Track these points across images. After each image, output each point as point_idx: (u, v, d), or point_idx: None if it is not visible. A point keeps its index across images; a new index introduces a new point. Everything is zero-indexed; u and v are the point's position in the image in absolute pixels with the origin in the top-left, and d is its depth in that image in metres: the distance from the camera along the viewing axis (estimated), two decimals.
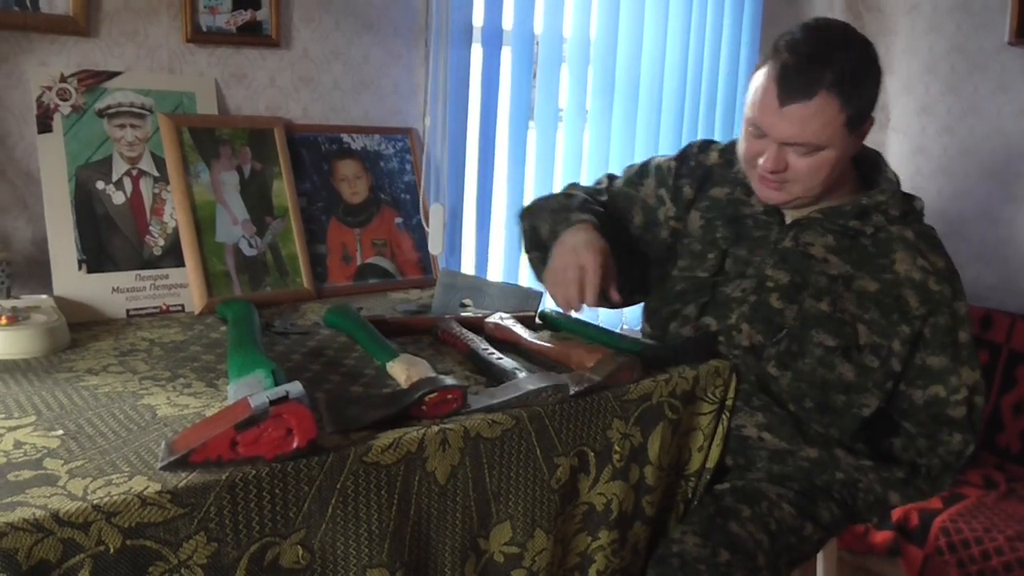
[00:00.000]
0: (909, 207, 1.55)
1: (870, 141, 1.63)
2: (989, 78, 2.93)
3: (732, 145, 1.68)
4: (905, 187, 1.60)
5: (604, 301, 1.51)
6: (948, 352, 1.50)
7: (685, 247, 1.66)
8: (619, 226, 1.69)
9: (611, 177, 1.81)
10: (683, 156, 1.73)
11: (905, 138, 3.14)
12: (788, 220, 1.58)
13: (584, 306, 1.46)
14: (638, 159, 2.57)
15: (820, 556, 1.78)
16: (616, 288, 1.51)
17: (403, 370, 1.26)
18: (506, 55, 2.28)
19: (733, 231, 1.61)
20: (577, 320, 1.64)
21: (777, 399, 1.53)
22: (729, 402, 1.50)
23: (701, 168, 1.69)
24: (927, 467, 1.54)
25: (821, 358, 1.49)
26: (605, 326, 1.74)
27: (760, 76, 1.47)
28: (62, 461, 0.97)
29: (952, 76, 3.01)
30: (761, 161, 1.47)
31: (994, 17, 2.87)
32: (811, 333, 1.50)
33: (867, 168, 1.61)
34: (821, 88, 1.39)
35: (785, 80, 1.41)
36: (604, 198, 1.75)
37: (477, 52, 2.22)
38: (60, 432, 1.05)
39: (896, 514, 2.30)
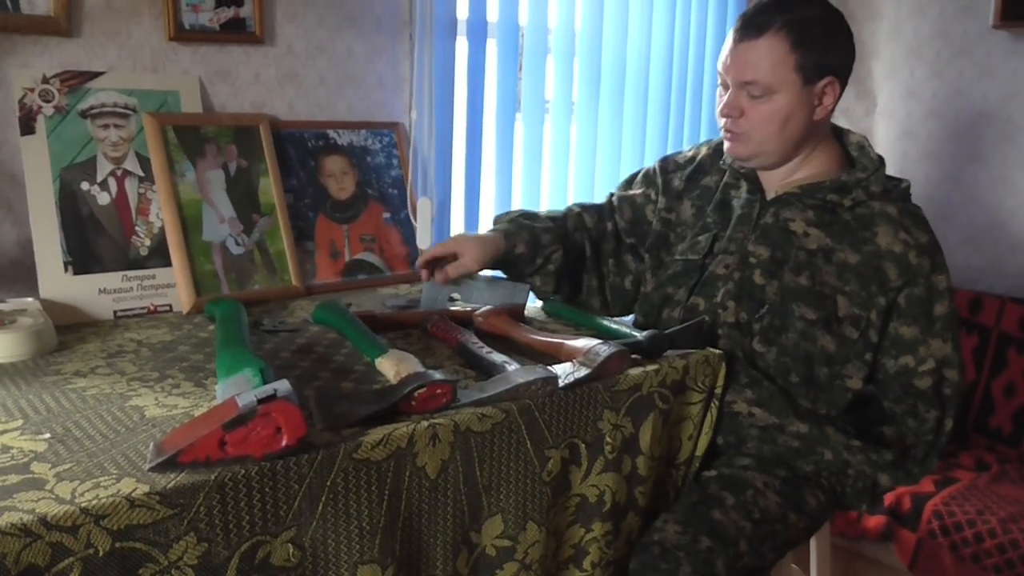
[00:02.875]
0: (892, 186, 1.60)
1: (857, 126, 1.65)
2: (974, 62, 2.93)
3: (720, 141, 1.75)
4: (893, 171, 1.63)
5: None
6: (920, 323, 1.54)
7: (678, 235, 1.71)
8: (599, 235, 1.82)
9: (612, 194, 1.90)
10: (666, 158, 1.83)
11: (892, 122, 3.14)
12: (769, 197, 1.62)
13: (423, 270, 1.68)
14: (625, 149, 2.60)
15: (813, 542, 1.79)
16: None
17: (392, 366, 1.26)
18: (491, 47, 2.27)
19: (722, 215, 1.66)
20: (576, 310, 1.66)
21: (765, 374, 1.55)
22: (718, 390, 1.51)
23: (691, 163, 1.77)
24: (914, 449, 1.55)
25: (803, 331, 1.53)
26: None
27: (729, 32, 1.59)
28: (50, 465, 0.97)
29: (937, 60, 3.01)
30: (719, 108, 1.57)
31: (978, 1, 2.87)
32: (792, 307, 1.54)
33: (853, 151, 1.65)
34: (770, 28, 1.50)
35: (740, 23, 1.54)
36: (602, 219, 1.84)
37: (462, 45, 2.21)
38: (47, 435, 1.05)
39: (888, 499, 2.30)
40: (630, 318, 1.79)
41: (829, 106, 1.57)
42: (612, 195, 1.87)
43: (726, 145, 1.62)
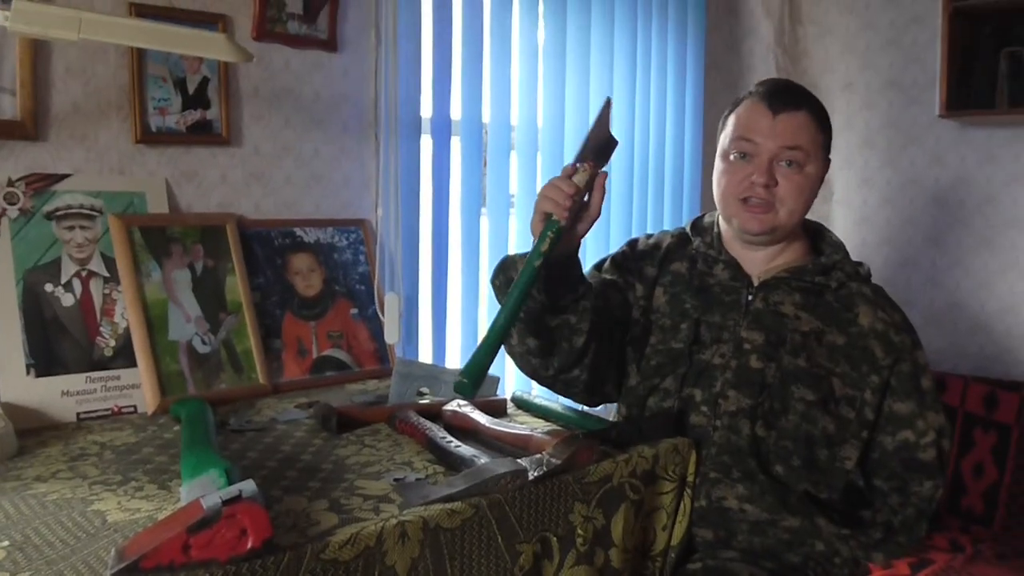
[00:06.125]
0: (858, 269, 1.65)
1: (815, 213, 1.71)
2: (924, 150, 3.03)
3: (681, 230, 1.75)
4: (853, 256, 1.67)
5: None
6: (913, 398, 1.56)
7: (655, 323, 1.66)
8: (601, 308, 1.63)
9: None
10: (633, 243, 1.77)
11: (849, 210, 3.22)
12: (755, 283, 1.62)
13: (568, 191, 1.36)
14: (589, 241, 2.62)
15: None
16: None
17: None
18: (455, 144, 2.32)
19: (701, 300, 1.63)
20: (545, 401, 1.66)
21: (764, 462, 1.53)
22: (690, 479, 1.50)
23: (658, 249, 1.73)
24: (901, 520, 1.56)
25: (804, 413, 1.52)
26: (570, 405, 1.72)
27: (742, 108, 1.61)
28: (8, 574, 0.94)
29: (889, 149, 3.11)
30: (754, 177, 1.55)
31: (924, 92, 2.98)
32: (792, 389, 1.53)
33: (814, 237, 1.70)
34: (805, 104, 1.58)
35: (774, 96, 1.58)
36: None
37: (427, 143, 2.26)
38: (6, 543, 1.02)
39: None
40: (597, 407, 1.77)
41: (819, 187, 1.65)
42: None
43: (744, 219, 1.58)
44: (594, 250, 2.65)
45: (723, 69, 3.20)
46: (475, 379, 1.34)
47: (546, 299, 1.47)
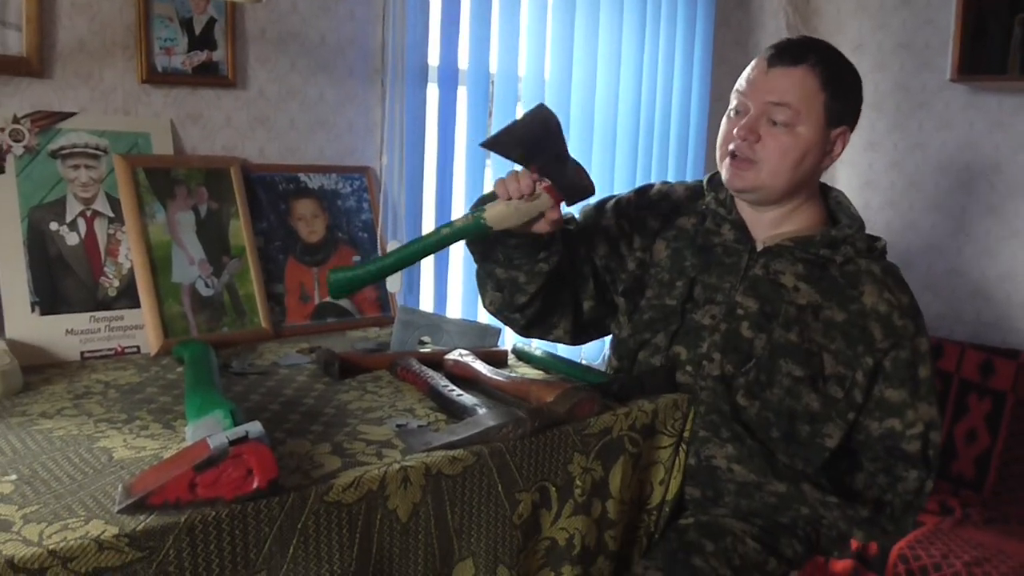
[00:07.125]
0: (873, 244, 1.60)
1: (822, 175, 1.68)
2: (933, 115, 3.01)
3: (698, 183, 1.72)
4: None
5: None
6: (907, 386, 1.53)
7: (653, 277, 1.65)
8: (581, 256, 1.65)
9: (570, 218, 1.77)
10: (642, 191, 1.74)
11: (854, 172, 3.21)
12: (759, 247, 1.59)
13: (523, 187, 1.41)
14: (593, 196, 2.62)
15: None
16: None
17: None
18: (462, 94, 2.30)
19: (702, 259, 1.61)
20: (545, 353, 1.67)
21: (747, 429, 1.52)
22: (687, 434, 1.52)
23: (667, 201, 1.70)
24: (891, 505, 1.54)
25: (789, 388, 1.51)
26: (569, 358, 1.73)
27: (751, 63, 1.57)
28: (16, 506, 0.96)
29: (897, 113, 3.09)
30: (735, 131, 1.52)
31: (936, 56, 2.96)
32: (780, 363, 1.51)
33: (832, 207, 1.66)
34: (806, 61, 1.51)
35: (775, 51, 1.54)
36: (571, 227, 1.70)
37: (433, 91, 2.24)
38: (14, 477, 1.04)
39: (855, 543, 2.32)
40: (596, 360, 1.78)
41: (836, 156, 1.59)
42: (576, 219, 1.72)
43: (728, 173, 1.55)
44: None
45: (732, 25, 3.16)
46: (341, 289, 1.45)
47: (501, 257, 1.51)
